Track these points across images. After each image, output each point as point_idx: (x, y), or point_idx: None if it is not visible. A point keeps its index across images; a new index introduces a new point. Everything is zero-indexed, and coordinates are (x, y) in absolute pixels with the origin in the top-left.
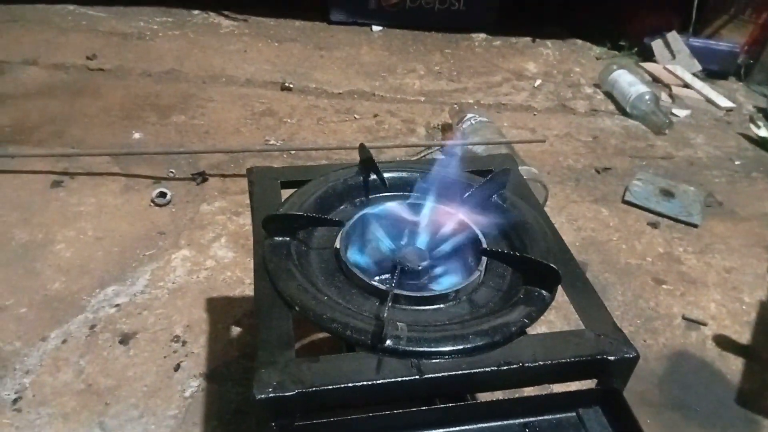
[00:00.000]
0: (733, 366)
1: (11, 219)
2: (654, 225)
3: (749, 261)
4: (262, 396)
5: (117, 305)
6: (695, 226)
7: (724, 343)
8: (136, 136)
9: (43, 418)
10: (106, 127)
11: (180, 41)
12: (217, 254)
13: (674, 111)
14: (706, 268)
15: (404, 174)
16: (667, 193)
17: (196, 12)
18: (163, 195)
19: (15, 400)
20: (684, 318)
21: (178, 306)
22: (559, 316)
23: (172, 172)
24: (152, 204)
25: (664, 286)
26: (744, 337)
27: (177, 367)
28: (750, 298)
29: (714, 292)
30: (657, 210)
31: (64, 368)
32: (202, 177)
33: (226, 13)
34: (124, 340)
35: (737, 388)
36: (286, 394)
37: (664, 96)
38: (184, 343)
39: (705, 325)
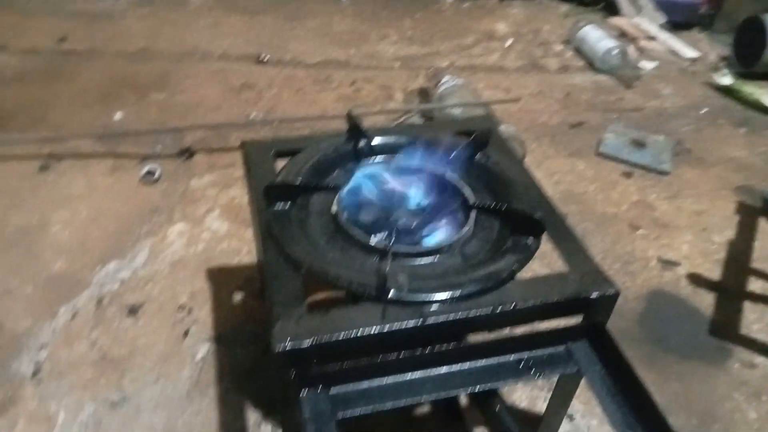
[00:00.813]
0: (706, 301)
1: (3, 204)
2: (627, 175)
3: (717, 203)
4: (281, 348)
5: (120, 280)
6: (666, 173)
7: (696, 280)
8: (118, 116)
9: (63, 387)
10: (86, 110)
11: (150, 19)
12: (212, 226)
13: (642, 64)
14: (677, 212)
15: (392, 139)
16: (639, 144)
17: None
18: (152, 172)
19: (34, 373)
20: (659, 260)
21: (179, 277)
22: (543, 265)
23: (158, 149)
24: (142, 182)
25: (639, 232)
26: (715, 273)
27: (186, 334)
28: (719, 238)
29: (686, 234)
30: (629, 160)
31: (77, 341)
32: (188, 153)
33: None
34: (132, 311)
35: (709, 321)
36: (302, 344)
37: (631, 49)
38: (189, 311)
39: (679, 264)
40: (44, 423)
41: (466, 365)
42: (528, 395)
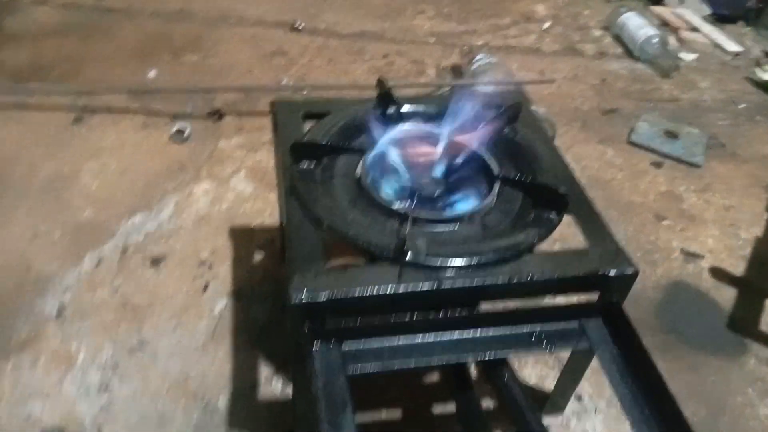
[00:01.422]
0: (727, 296)
1: (38, 153)
2: (657, 165)
3: (748, 200)
4: (296, 300)
5: (145, 232)
6: (697, 166)
7: (719, 274)
8: (152, 74)
9: (84, 329)
10: (121, 66)
11: None
12: (237, 187)
13: (682, 55)
14: (705, 205)
15: (421, 107)
16: (672, 135)
17: None
18: (181, 131)
19: (58, 314)
20: (682, 251)
21: (202, 233)
22: (564, 248)
23: (188, 109)
24: (171, 140)
25: (664, 222)
26: (739, 269)
27: (205, 288)
28: (747, 234)
29: (712, 228)
30: (661, 150)
31: (100, 287)
32: (218, 114)
33: None
34: (155, 263)
35: (729, 316)
36: (318, 298)
37: (672, 40)
38: (210, 266)
39: (702, 257)
40: (65, 361)
41: (479, 332)
42: (538, 373)
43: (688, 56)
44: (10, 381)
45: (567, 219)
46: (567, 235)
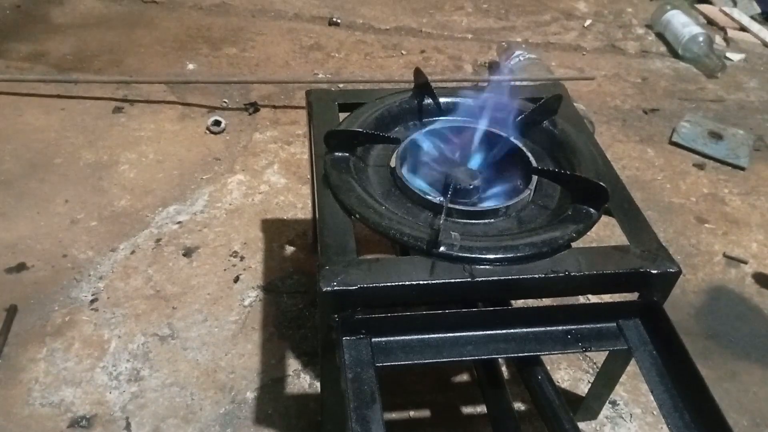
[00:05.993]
0: None
1: (78, 141)
2: (700, 166)
3: None
4: (328, 289)
5: (179, 222)
6: (742, 168)
7: (763, 280)
8: (190, 66)
9: (117, 317)
10: (161, 58)
11: None
12: (271, 180)
13: (728, 54)
14: (750, 209)
15: (458, 99)
16: (716, 136)
17: None
18: (218, 123)
19: (92, 301)
20: (725, 255)
21: (235, 225)
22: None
23: (225, 102)
24: (207, 131)
25: (706, 225)
26: None
27: (236, 279)
28: None
29: (757, 232)
30: (704, 152)
31: (134, 275)
32: (254, 107)
33: None
34: (187, 253)
35: None
36: (349, 288)
37: (718, 39)
38: (242, 258)
39: (746, 263)
40: (97, 348)
41: (512, 330)
42: (571, 376)
43: (734, 56)
44: (44, 367)
45: (604, 220)
46: (603, 237)
